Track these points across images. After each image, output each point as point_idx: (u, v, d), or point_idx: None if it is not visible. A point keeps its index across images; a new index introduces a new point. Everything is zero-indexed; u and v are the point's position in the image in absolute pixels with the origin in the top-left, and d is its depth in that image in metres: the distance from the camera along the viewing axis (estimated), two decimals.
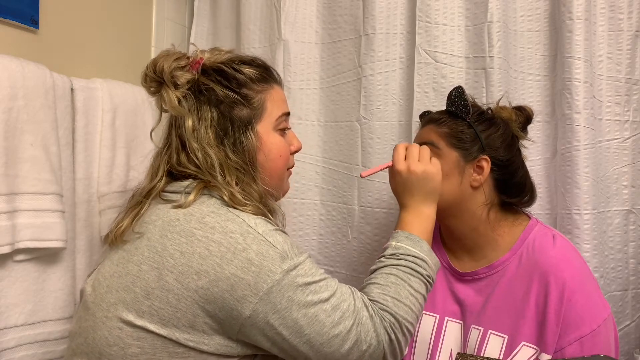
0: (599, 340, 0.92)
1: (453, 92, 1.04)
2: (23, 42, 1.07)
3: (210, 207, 0.81)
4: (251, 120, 0.88)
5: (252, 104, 0.88)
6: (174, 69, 0.86)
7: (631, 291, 1.25)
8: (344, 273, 1.39)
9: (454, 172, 1.01)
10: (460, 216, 1.03)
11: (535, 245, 0.99)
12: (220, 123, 0.86)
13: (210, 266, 0.76)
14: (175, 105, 0.86)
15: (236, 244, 0.77)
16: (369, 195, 1.35)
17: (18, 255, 0.96)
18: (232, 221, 0.79)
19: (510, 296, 0.98)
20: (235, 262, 0.76)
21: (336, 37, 1.40)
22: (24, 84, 0.96)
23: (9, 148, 0.94)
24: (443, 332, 1.04)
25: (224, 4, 1.53)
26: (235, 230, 0.78)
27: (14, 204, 0.95)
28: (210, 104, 0.87)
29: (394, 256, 0.88)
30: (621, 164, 1.24)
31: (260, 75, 0.91)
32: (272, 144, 0.91)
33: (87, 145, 1.13)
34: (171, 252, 0.78)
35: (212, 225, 0.78)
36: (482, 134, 1.01)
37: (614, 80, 1.24)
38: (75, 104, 1.11)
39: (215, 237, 0.77)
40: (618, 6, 1.23)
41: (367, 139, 1.36)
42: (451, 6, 1.29)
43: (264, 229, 0.79)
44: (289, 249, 0.79)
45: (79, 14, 1.21)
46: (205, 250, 0.76)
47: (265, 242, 0.78)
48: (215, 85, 0.87)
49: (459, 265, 1.07)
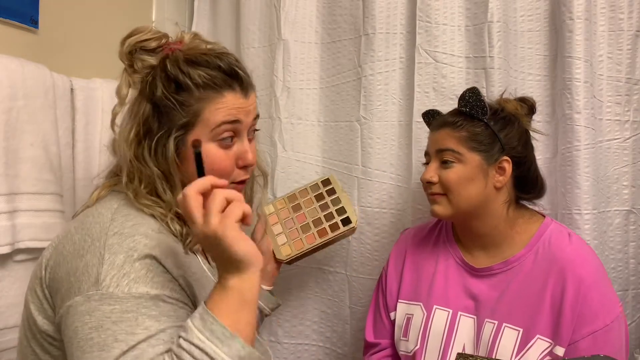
0: (612, 335, 0.94)
1: (467, 93, 1.03)
2: (23, 42, 1.07)
3: (104, 206, 0.79)
4: (181, 127, 0.80)
5: (185, 111, 0.80)
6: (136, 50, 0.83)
7: (631, 291, 1.25)
8: (343, 273, 1.39)
9: (479, 176, 1.00)
10: (483, 216, 1.03)
11: (551, 241, 1.01)
12: (147, 121, 0.81)
13: (55, 262, 0.75)
14: (118, 90, 0.84)
15: (81, 248, 0.73)
16: (369, 195, 1.35)
17: (18, 255, 0.97)
18: (100, 224, 0.75)
19: (526, 291, 0.99)
20: (68, 266, 0.73)
21: (336, 37, 1.40)
22: (24, 84, 0.96)
23: (9, 148, 0.94)
24: (456, 327, 1.04)
25: (224, 4, 1.53)
26: (92, 234, 0.74)
27: (14, 204, 0.95)
28: (147, 99, 0.82)
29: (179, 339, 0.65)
30: (621, 164, 1.24)
31: (211, 80, 0.81)
32: (206, 153, 0.79)
33: (87, 145, 1.13)
34: (50, 252, 0.78)
35: (84, 226, 0.76)
36: (501, 133, 1.02)
37: (614, 80, 1.24)
38: (75, 104, 1.11)
39: (75, 237, 0.75)
40: (618, 6, 1.23)
41: (367, 139, 1.36)
42: (451, 6, 1.29)
43: (117, 242, 0.71)
44: (115, 276, 0.68)
45: (79, 14, 1.21)
46: (63, 248, 0.75)
47: (99, 258, 0.70)
48: (159, 81, 0.81)
49: (473, 261, 1.07)
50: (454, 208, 1.02)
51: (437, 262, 1.11)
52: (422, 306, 1.09)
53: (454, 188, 1.00)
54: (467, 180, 1.00)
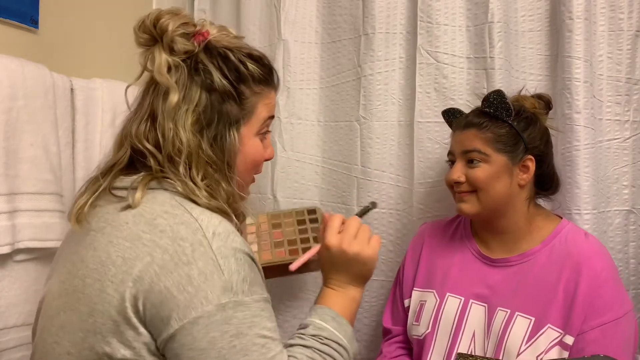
0: (620, 329, 0.96)
1: (492, 95, 1.05)
2: (23, 42, 1.07)
3: (163, 205, 0.73)
4: (239, 120, 0.80)
5: (244, 104, 0.81)
6: (177, 32, 0.77)
7: (631, 291, 1.25)
8: None
9: (504, 175, 1.03)
10: (506, 214, 1.06)
11: (567, 238, 1.04)
12: (205, 111, 0.77)
13: (148, 274, 0.68)
14: (163, 72, 0.76)
15: (182, 254, 0.69)
16: (368, 195, 1.35)
17: (18, 255, 0.97)
18: (186, 225, 0.71)
19: (540, 283, 1.02)
20: (174, 275, 0.68)
21: (336, 37, 1.40)
22: (24, 84, 0.96)
23: (9, 148, 0.94)
24: (467, 314, 1.07)
25: (224, 4, 1.53)
26: (186, 237, 0.70)
27: (14, 204, 0.95)
28: (202, 87, 0.78)
29: (317, 338, 0.78)
30: (621, 163, 1.24)
31: (263, 76, 0.83)
32: (251, 147, 0.83)
33: (87, 145, 1.13)
34: (114, 259, 0.70)
35: (162, 229, 0.70)
36: (524, 133, 1.04)
37: (614, 80, 1.24)
38: (75, 104, 1.11)
39: (162, 242, 0.69)
40: (618, 6, 1.23)
41: (366, 138, 1.36)
42: (452, 6, 1.29)
43: (221, 244, 0.71)
44: (238, 282, 0.70)
45: (79, 14, 1.21)
46: (147, 256, 0.69)
47: (214, 262, 0.69)
48: (215, 70, 0.78)
49: (490, 253, 1.10)
50: (482, 205, 1.04)
51: (454, 255, 1.14)
52: (435, 293, 1.12)
53: (483, 186, 1.03)
54: (494, 179, 1.03)
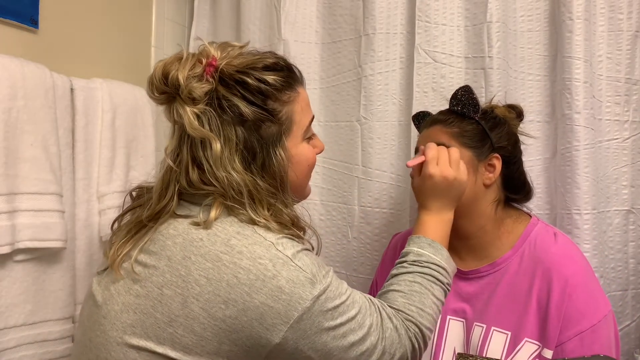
0: (599, 336, 0.93)
1: (459, 92, 1.04)
2: (23, 42, 1.07)
3: (234, 226, 0.76)
4: (280, 136, 0.80)
5: (279, 119, 0.80)
6: (190, 80, 0.76)
7: (631, 291, 1.25)
8: (344, 273, 1.39)
9: (470, 171, 1.00)
10: (470, 215, 1.03)
11: (537, 242, 1.01)
12: (246, 144, 0.77)
13: (239, 295, 0.72)
14: (196, 127, 0.75)
15: (265, 270, 0.73)
16: (369, 195, 1.35)
17: (18, 255, 0.96)
18: (259, 245, 0.75)
19: (513, 293, 0.99)
20: (265, 290, 0.72)
21: (336, 37, 1.40)
22: (24, 84, 0.96)
23: (9, 148, 0.94)
24: (445, 331, 1.04)
25: (224, 4, 1.53)
26: (263, 255, 0.74)
27: (14, 204, 0.95)
28: (235, 123, 0.77)
29: (417, 263, 0.87)
30: (621, 164, 1.24)
31: (285, 81, 0.81)
32: (302, 155, 0.84)
33: (87, 145, 1.13)
34: (196, 278, 0.73)
35: (239, 250, 0.74)
36: (492, 132, 1.03)
37: (614, 80, 1.24)
38: (75, 104, 1.11)
39: (243, 264, 0.73)
40: (618, 6, 1.23)
41: (367, 139, 1.36)
42: (451, 6, 1.29)
43: (293, 251, 0.75)
44: (317, 272, 0.75)
45: (79, 14, 1.21)
46: (233, 278, 0.72)
47: (294, 267, 0.74)
48: (239, 100, 0.77)
49: (462, 265, 1.07)
50: None
51: None
52: None
53: None
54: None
